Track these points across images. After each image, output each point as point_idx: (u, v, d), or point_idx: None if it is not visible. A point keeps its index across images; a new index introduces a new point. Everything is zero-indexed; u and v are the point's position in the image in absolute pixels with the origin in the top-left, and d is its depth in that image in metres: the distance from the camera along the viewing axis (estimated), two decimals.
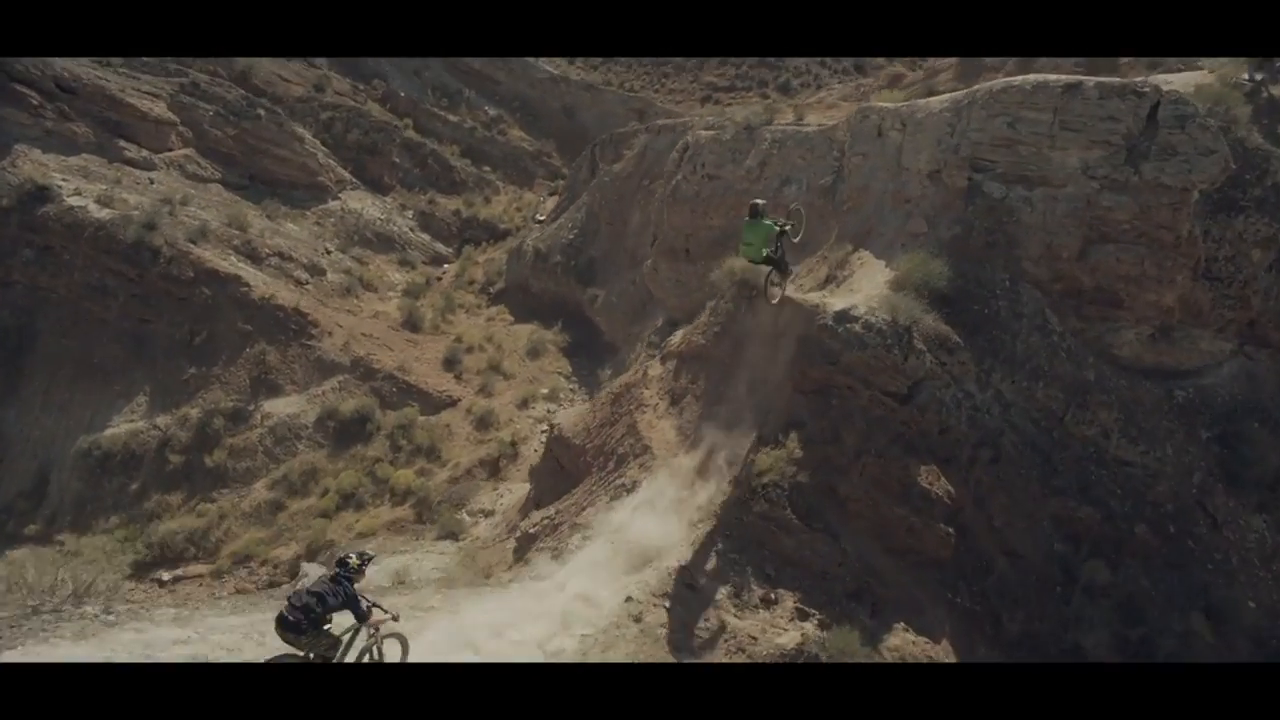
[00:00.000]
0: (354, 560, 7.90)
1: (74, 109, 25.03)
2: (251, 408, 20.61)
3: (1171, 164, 10.64)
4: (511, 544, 14.38)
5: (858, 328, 10.81)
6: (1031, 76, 11.41)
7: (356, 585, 7.81)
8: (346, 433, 20.50)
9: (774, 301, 15.80)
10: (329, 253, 28.35)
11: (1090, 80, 11.00)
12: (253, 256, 24.52)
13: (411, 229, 34.74)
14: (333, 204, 31.96)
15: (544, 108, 46.20)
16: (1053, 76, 11.34)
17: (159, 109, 27.08)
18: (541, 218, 34.68)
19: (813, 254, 14.06)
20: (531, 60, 47.91)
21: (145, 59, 29.47)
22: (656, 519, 10.95)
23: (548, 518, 13.50)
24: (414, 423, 20.93)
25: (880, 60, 53.96)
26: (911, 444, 10.60)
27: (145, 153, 26.16)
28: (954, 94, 12.45)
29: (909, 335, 10.61)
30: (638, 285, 23.44)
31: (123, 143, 25.61)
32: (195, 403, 20.52)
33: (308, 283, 25.48)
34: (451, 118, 42.43)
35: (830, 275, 13.09)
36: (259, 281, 22.79)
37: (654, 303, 21.58)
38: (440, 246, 35.34)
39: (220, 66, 34.57)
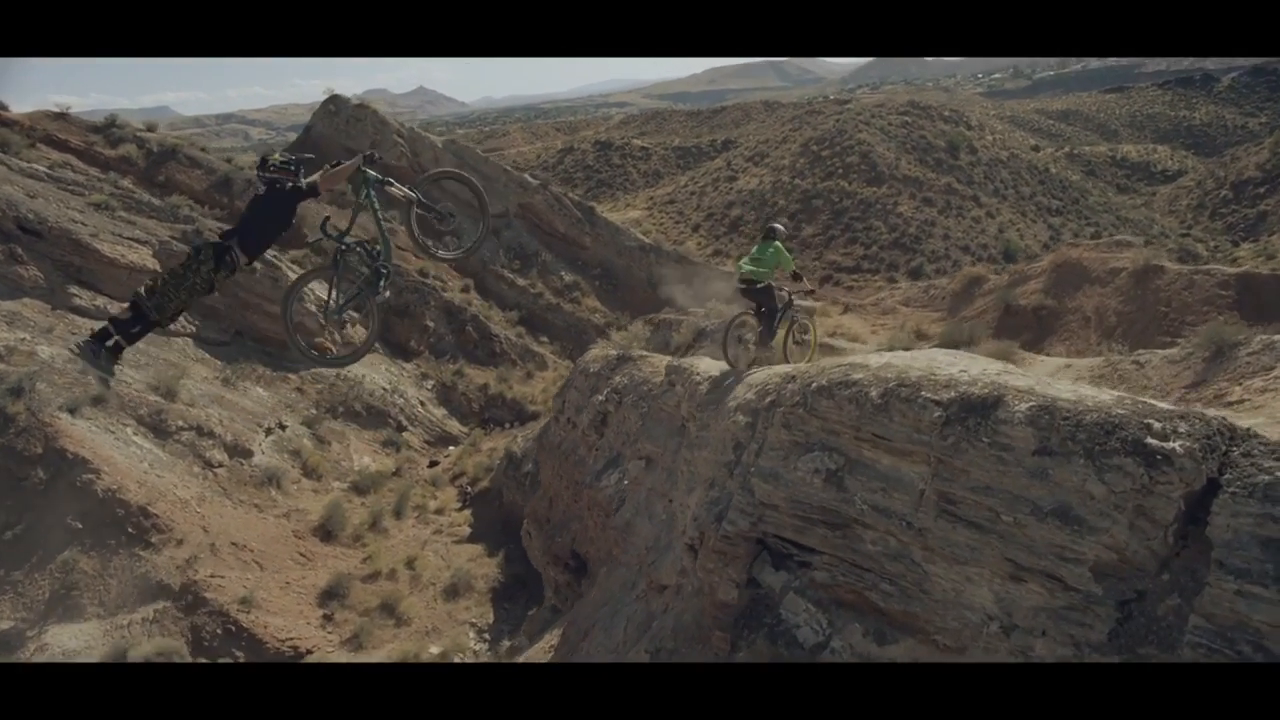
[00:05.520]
0: (276, 157, 6.77)
1: (32, 251, 23.20)
2: (31, 634, 16.12)
3: None
4: None
5: None
6: (880, 359, 5.01)
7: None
8: None
9: (739, 367, 9.99)
10: (282, 428, 24.51)
11: (1008, 386, 4.46)
12: (157, 429, 20.89)
13: (423, 403, 30.75)
14: (330, 368, 28.63)
15: (628, 277, 42.21)
16: (950, 354, 4.89)
17: (136, 255, 24.99)
18: None
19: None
20: (622, 226, 44.70)
21: (154, 204, 28.25)
22: None
23: None
24: None
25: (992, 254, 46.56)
26: None
27: (101, 300, 23.81)
28: (783, 369, 6.25)
29: None
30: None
31: (74, 289, 23.40)
32: None
33: (220, 465, 21.47)
34: (520, 281, 39.29)
35: None
36: (120, 466, 18.84)
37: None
38: (455, 425, 31.04)
39: None
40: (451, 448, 29.67)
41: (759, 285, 10.50)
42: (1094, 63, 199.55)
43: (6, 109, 35.64)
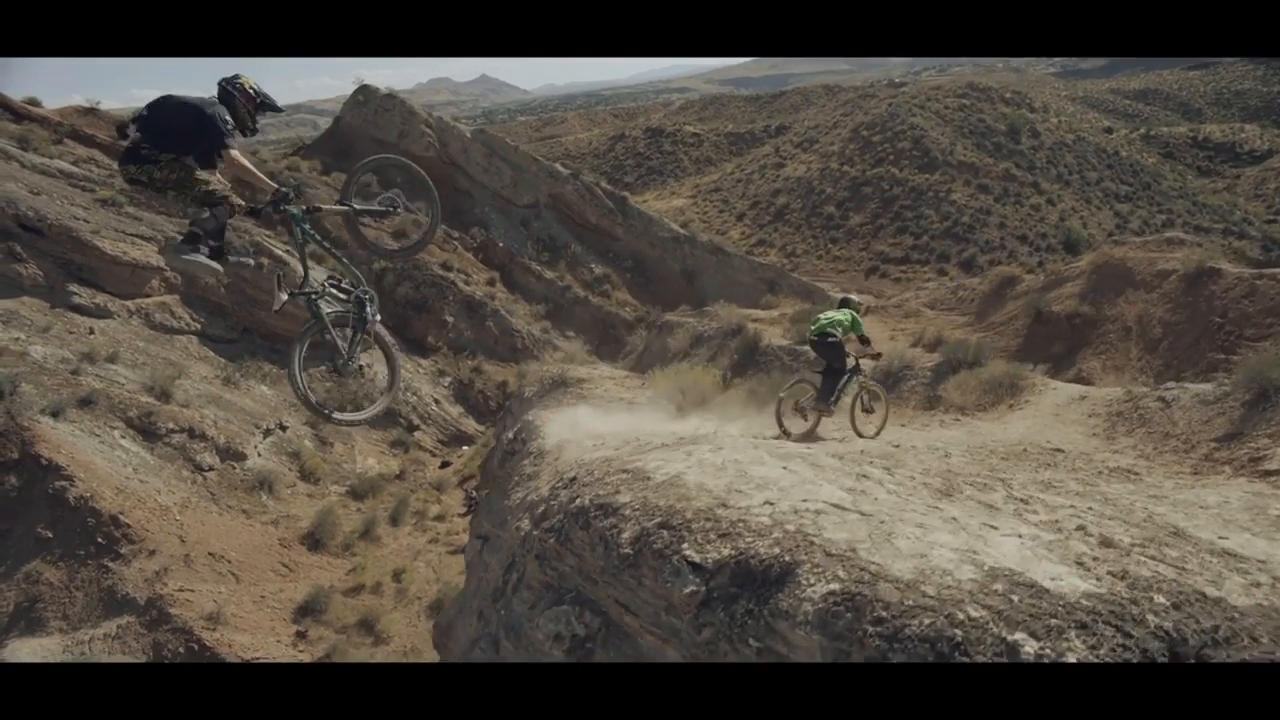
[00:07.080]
0: (252, 82, 5.67)
1: (33, 249, 22.90)
2: None
3: None
4: None
5: None
6: (674, 465, 3.57)
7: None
8: None
9: (795, 433, 10.36)
10: (283, 428, 23.84)
11: (815, 544, 2.96)
12: (146, 432, 20.32)
13: (438, 401, 29.88)
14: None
15: (661, 269, 40.72)
16: (781, 459, 3.58)
17: (139, 253, 24.56)
18: None
19: None
20: (655, 217, 43.15)
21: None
22: None
23: None
24: None
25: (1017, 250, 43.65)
26: None
27: (102, 299, 23.47)
28: (589, 456, 4.67)
29: None
30: None
31: (74, 287, 23.04)
32: None
33: (210, 469, 20.83)
34: (548, 274, 38.15)
35: None
36: (99, 472, 18.26)
37: None
38: (472, 423, 30.13)
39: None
40: (465, 448, 28.75)
41: (832, 339, 10.53)
42: None
43: (39, 104, 35.97)
